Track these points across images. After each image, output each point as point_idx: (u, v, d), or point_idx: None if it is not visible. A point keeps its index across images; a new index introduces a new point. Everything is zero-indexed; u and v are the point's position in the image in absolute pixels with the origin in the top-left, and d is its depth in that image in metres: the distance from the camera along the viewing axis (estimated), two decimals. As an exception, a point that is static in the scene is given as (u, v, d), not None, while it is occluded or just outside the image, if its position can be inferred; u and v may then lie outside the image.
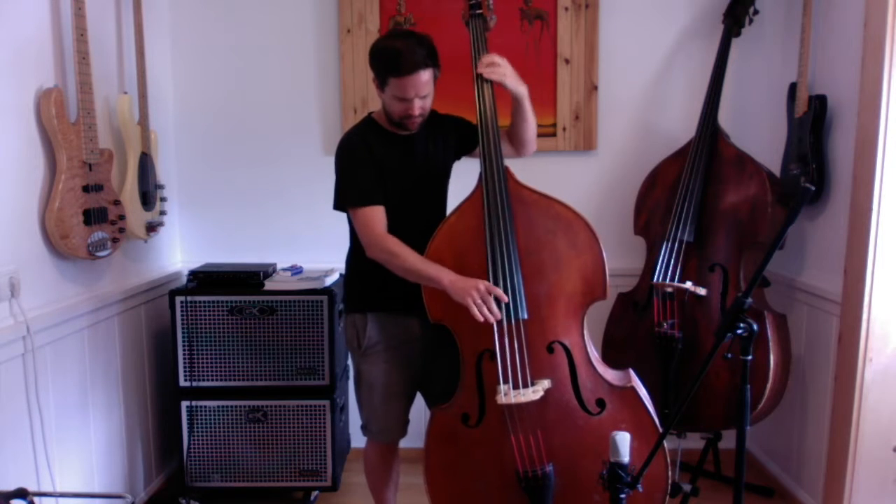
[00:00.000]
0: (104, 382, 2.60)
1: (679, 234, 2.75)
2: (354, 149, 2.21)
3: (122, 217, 2.50)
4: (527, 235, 2.12)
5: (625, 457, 1.67)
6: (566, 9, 3.06)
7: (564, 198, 2.14)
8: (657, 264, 2.78)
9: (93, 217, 2.34)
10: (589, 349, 2.14)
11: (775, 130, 2.96)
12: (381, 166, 2.19)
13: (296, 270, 2.93)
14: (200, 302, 2.75)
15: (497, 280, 2.07)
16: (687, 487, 2.38)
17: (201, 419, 2.81)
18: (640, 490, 1.72)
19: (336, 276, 2.92)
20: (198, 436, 2.82)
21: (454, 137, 2.33)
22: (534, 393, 2.07)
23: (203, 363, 2.78)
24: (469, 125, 2.32)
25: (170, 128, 3.17)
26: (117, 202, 2.48)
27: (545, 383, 2.09)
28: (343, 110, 3.14)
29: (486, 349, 2.11)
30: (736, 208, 2.72)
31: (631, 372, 2.22)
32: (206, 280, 2.82)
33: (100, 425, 2.57)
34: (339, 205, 2.22)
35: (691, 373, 2.69)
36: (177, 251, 3.26)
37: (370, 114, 2.31)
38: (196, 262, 3.10)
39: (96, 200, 2.36)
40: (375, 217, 2.16)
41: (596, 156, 3.18)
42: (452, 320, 2.13)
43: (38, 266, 2.24)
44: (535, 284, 2.11)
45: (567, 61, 3.10)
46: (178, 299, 2.75)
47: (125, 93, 2.69)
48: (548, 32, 3.09)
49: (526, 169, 2.29)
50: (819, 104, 2.66)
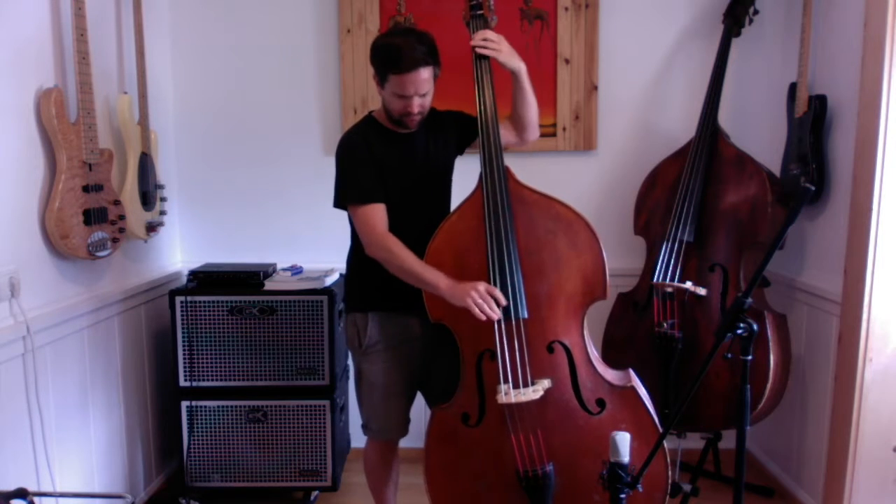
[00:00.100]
0: (104, 382, 2.60)
1: (679, 234, 2.75)
2: (355, 147, 2.21)
3: (122, 217, 2.50)
4: (527, 235, 2.12)
5: (625, 457, 1.67)
6: (566, 9, 3.06)
7: (564, 198, 2.14)
8: (657, 264, 2.78)
9: (93, 217, 2.34)
10: (589, 349, 2.14)
11: (775, 130, 2.96)
12: (382, 165, 2.19)
13: (296, 270, 2.93)
14: (200, 302, 2.75)
15: (497, 280, 2.07)
16: (687, 487, 2.38)
17: (201, 419, 2.81)
18: (640, 490, 1.73)
19: (336, 276, 2.92)
20: (198, 436, 2.82)
21: (454, 133, 2.33)
22: (534, 392, 2.07)
23: (203, 363, 2.78)
24: (468, 116, 2.32)
25: (170, 128, 3.17)
26: (117, 202, 2.48)
27: (545, 383, 2.09)
28: (343, 110, 3.14)
29: (487, 349, 2.11)
30: (736, 208, 2.72)
31: (631, 372, 2.22)
32: (206, 280, 2.82)
33: (100, 425, 2.57)
34: (340, 203, 2.22)
35: (691, 373, 2.69)
36: (177, 251, 3.26)
37: (370, 112, 2.31)
38: (196, 262, 3.10)
39: (96, 200, 2.36)
40: (376, 215, 2.16)
41: (596, 156, 3.18)
42: (453, 320, 2.13)
43: (38, 266, 2.24)
44: (536, 284, 2.11)
45: (567, 61, 3.10)
46: (178, 299, 2.75)
47: (125, 93, 2.69)
48: (548, 32, 3.09)
49: (526, 169, 2.29)
50: (819, 104, 2.66)
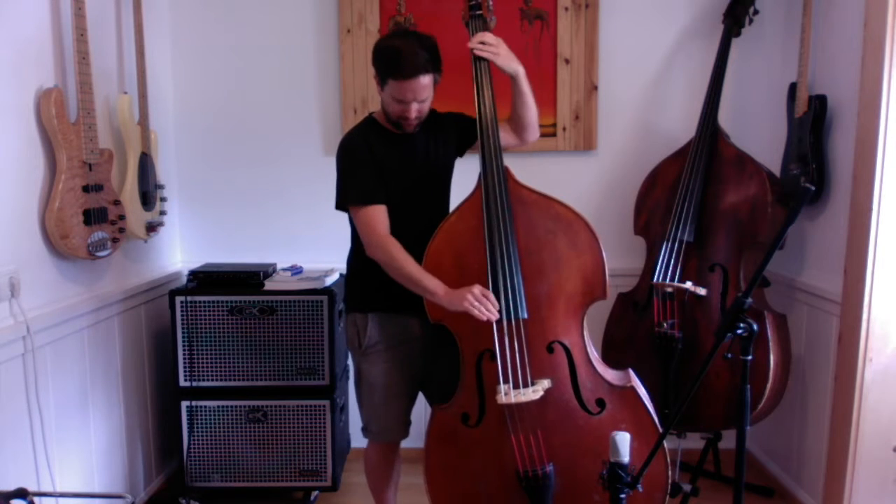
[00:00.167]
0: (104, 382, 2.60)
1: (679, 234, 2.75)
2: (355, 148, 2.21)
3: (122, 217, 2.50)
4: (527, 235, 2.12)
5: (625, 457, 1.67)
6: (566, 9, 3.06)
7: (564, 198, 2.14)
8: (657, 264, 2.78)
9: (93, 217, 2.34)
10: (589, 349, 2.14)
11: (775, 130, 2.96)
12: (382, 166, 2.19)
13: (296, 270, 2.93)
14: (200, 302, 2.75)
15: (497, 280, 2.07)
16: (687, 487, 2.38)
17: (201, 419, 2.81)
18: (640, 490, 1.73)
19: (336, 276, 2.92)
20: (198, 436, 2.82)
21: (454, 134, 2.33)
22: (534, 393, 2.07)
23: (203, 363, 2.78)
24: (468, 118, 2.32)
25: (170, 128, 3.17)
26: (117, 202, 2.48)
27: (545, 383, 2.09)
28: (343, 110, 3.14)
29: (487, 349, 2.11)
30: (736, 208, 2.72)
31: (631, 372, 2.22)
32: (206, 280, 2.82)
33: (100, 425, 2.57)
34: (341, 204, 2.22)
35: (691, 373, 2.69)
36: (177, 251, 3.26)
37: (371, 114, 2.31)
38: (196, 262, 3.10)
39: (96, 200, 2.36)
40: (377, 216, 2.16)
41: (596, 156, 3.18)
42: (452, 321, 2.13)
43: (38, 266, 2.24)
44: (536, 284, 2.11)
45: (567, 61, 3.10)
46: (178, 299, 2.75)
47: (125, 93, 2.69)
48: (548, 32, 3.09)
49: (526, 169, 2.29)
50: (819, 104, 2.66)
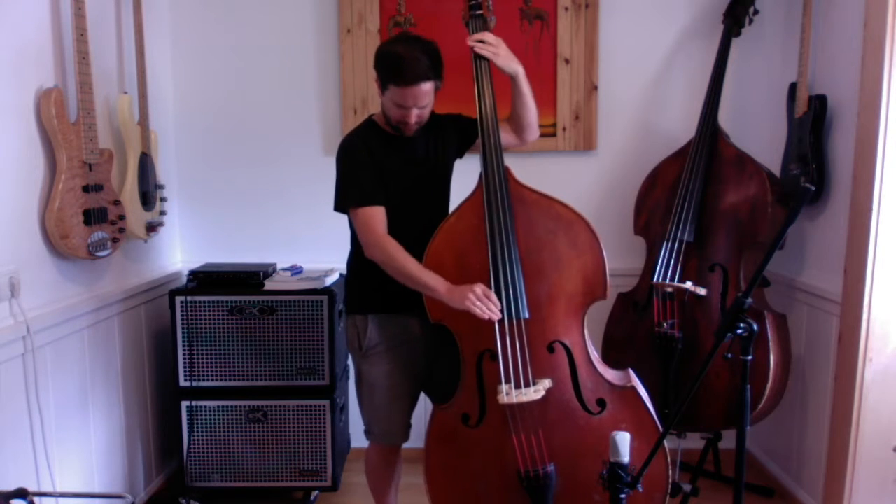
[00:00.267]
0: (104, 382, 2.60)
1: (679, 234, 2.75)
2: (355, 150, 2.21)
3: (122, 217, 2.50)
4: (527, 235, 2.12)
5: (625, 457, 1.67)
6: (566, 9, 3.06)
7: (564, 198, 2.14)
8: (657, 264, 2.78)
9: (93, 217, 2.33)
10: (589, 349, 2.15)
11: (775, 130, 2.96)
12: (382, 168, 2.19)
13: (296, 270, 2.93)
14: (200, 302, 2.75)
15: (498, 280, 2.07)
16: (687, 487, 2.39)
17: (201, 419, 2.80)
18: (640, 490, 1.72)
19: (336, 276, 2.92)
20: (198, 436, 2.82)
21: (454, 136, 2.33)
22: (535, 392, 2.07)
23: (203, 363, 2.78)
24: (468, 118, 2.32)
25: (170, 128, 3.17)
26: (117, 202, 2.48)
27: (546, 383, 2.09)
28: (343, 110, 3.14)
29: (487, 349, 2.11)
30: (736, 208, 2.72)
31: (631, 372, 2.22)
32: (206, 280, 2.82)
33: (100, 425, 2.57)
34: (340, 206, 2.22)
35: (691, 373, 2.69)
36: (177, 251, 3.26)
37: (371, 116, 2.31)
38: (196, 262, 3.10)
39: (96, 200, 2.36)
40: (376, 217, 2.16)
41: (596, 156, 3.18)
42: (453, 321, 2.13)
43: (38, 266, 2.24)
44: (536, 284, 2.11)
45: (567, 61, 3.10)
46: (178, 299, 2.75)
47: (125, 93, 2.69)
48: (548, 32, 3.09)
49: (526, 169, 2.29)
50: (819, 104, 2.66)
